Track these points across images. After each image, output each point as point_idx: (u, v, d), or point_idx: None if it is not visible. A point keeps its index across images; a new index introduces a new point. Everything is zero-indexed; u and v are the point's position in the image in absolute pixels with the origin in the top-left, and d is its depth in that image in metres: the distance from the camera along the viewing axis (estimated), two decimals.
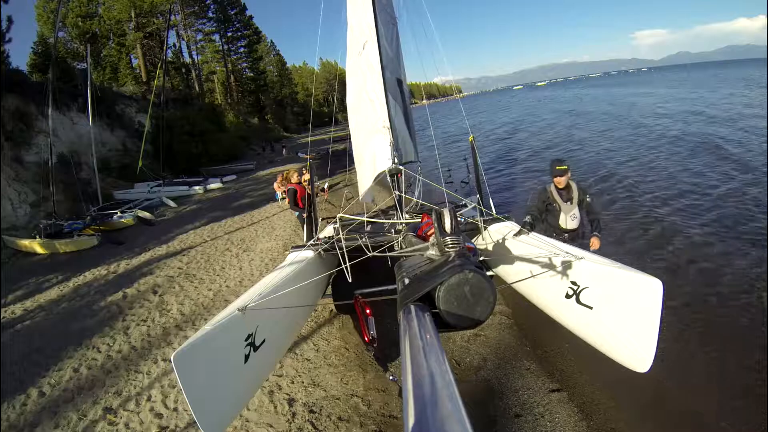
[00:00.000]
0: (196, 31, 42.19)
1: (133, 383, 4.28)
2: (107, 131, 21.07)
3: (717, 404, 3.39)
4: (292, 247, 5.24)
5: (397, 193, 5.49)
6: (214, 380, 2.37)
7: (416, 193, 7.06)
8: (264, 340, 2.80)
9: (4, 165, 12.89)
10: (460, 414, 0.98)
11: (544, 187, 4.72)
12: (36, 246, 10.39)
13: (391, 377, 3.75)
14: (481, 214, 4.99)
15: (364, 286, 3.87)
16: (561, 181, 4.48)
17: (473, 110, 53.96)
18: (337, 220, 4.55)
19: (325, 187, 12.30)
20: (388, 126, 5.40)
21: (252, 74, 50.14)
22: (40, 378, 4.58)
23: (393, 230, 5.19)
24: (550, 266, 3.25)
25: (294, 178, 7.72)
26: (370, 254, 3.74)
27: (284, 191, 12.87)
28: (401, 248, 3.92)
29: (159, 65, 20.60)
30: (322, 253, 4.47)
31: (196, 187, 17.76)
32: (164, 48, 22.57)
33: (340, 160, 11.55)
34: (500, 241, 4.25)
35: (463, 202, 5.71)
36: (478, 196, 5.68)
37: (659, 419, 3.32)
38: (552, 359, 4.16)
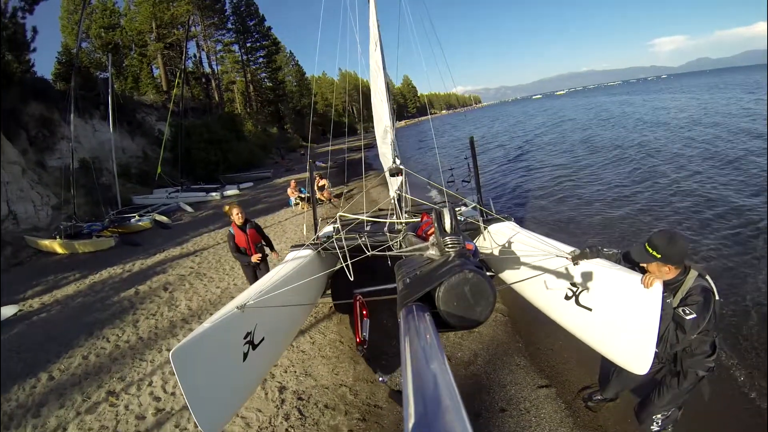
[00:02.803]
0: (215, 41, 42.96)
1: (137, 370, 4.49)
2: (128, 138, 21.71)
3: (714, 405, 3.24)
4: (292, 247, 5.29)
5: (397, 192, 5.58)
6: (213, 377, 2.40)
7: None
8: (263, 339, 2.84)
9: (5, 166, 13.43)
10: (460, 414, 0.96)
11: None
12: (56, 246, 10.78)
13: (380, 379, 3.73)
14: (482, 214, 5.01)
15: (363, 286, 3.93)
16: (649, 271, 2.47)
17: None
18: (337, 220, 4.58)
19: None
20: (390, 125, 5.54)
21: (271, 84, 50.58)
22: (51, 364, 4.83)
23: (393, 230, 5.25)
24: (550, 267, 3.26)
25: (235, 216, 5.09)
26: (369, 253, 3.77)
27: (298, 197, 13.20)
28: (401, 248, 3.97)
29: (178, 74, 21.18)
30: (321, 252, 4.52)
31: (213, 194, 18.07)
32: (183, 58, 23.30)
33: (356, 168, 11.80)
34: (500, 241, 4.26)
35: (463, 202, 5.76)
36: (478, 196, 5.71)
37: None
38: (544, 356, 4.17)
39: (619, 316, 2.53)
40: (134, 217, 13.25)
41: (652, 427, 2.82)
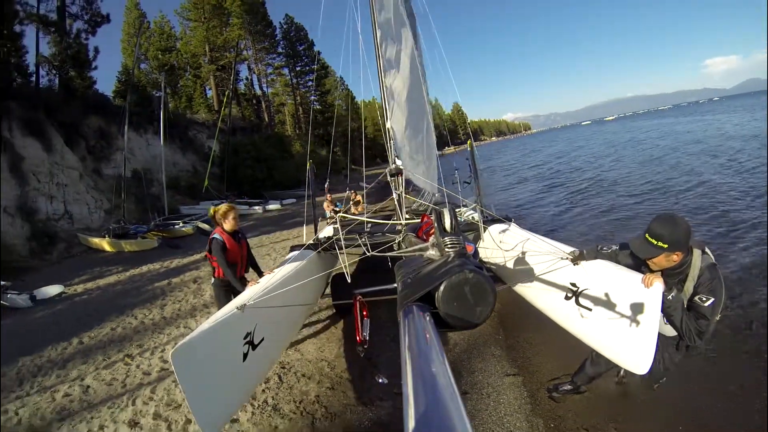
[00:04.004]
0: (266, 65, 44.70)
1: (155, 340, 5.15)
2: (179, 153, 23.41)
3: (700, 401, 3.12)
4: (292, 247, 5.52)
5: (396, 193, 5.66)
6: (213, 377, 2.41)
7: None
8: (263, 339, 2.88)
9: (65, 171, 14.90)
10: (460, 414, 0.99)
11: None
12: (105, 244, 12.00)
13: (380, 380, 3.65)
14: (482, 215, 5.10)
15: (363, 286, 4.06)
16: (652, 265, 2.41)
17: None
18: (337, 220, 4.67)
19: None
20: (389, 126, 5.63)
21: (320, 107, 50.59)
22: (83, 333, 5.65)
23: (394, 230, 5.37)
24: (550, 267, 3.32)
25: (229, 221, 3.93)
26: (369, 254, 3.89)
27: (333, 209, 13.69)
28: (401, 248, 4.14)
29: (227, 94, 22.75)
30: (321, 252, 4.65)
31: (256, 207, 19.15)
32: (232, 79, 25.02)
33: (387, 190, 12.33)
34: (500, 241, 4.33)
35: (464, 203, 5.81)
36: (478, 197, 5.84)
37: (615, 412, 3.09)
38: (520, 348, 4.19)
39: (619, 315, 2.52)
40: (178, 223, 14.31)
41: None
